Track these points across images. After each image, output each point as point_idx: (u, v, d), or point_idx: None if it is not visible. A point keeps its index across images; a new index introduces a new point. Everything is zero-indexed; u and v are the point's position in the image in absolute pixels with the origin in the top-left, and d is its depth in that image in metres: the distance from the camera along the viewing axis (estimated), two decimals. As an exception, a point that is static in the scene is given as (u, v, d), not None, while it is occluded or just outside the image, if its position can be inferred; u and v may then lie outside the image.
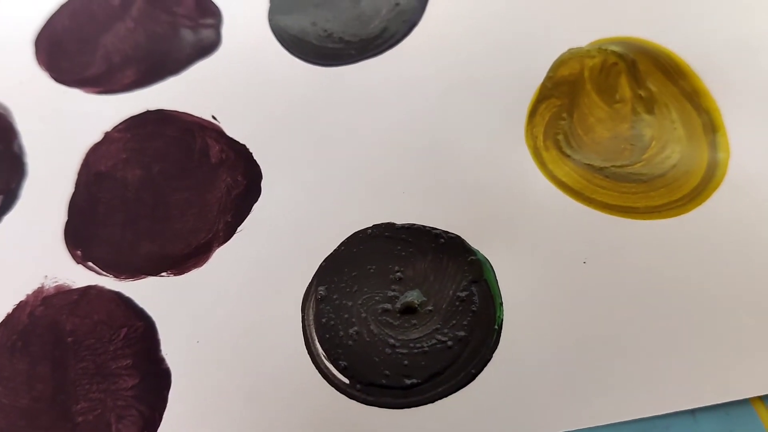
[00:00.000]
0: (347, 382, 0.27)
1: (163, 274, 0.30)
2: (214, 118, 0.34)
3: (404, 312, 0.27)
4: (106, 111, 0.35)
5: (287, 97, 0.34)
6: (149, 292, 0.30)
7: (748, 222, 0.27)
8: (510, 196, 0.29)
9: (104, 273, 0.30)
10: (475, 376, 0.26)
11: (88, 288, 0.30)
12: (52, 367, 0.29)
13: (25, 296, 0.30)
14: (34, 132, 0.35)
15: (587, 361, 0.25)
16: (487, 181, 0.30)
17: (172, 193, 0.32)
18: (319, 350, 0.27)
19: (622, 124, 0.30)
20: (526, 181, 0.30)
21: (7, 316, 0.30)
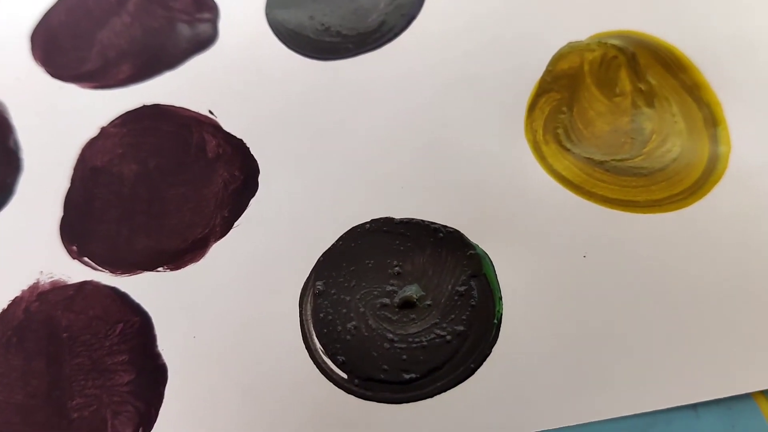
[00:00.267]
0: (345, 377, 0.26)
1: (160, 269, 0.30)
2: (210, 112, 0.33)
3: (403, 307, 0.27)
4: (102, 106, 0.35)
5: (284, 91, 0.33)
6: (145, 288, 0.29)
7: (749, 216, 0.27)
8: (509, 191, 0.29)
9: (100, 268, 0.30)
10: (474, 371, 0.26)
11: (84, 283, 0.30)
12: (47, 363, 0.28)
13: (21, 292, 0.30)
14: (30, 127, 0.35)
15: (587, 356, 0.25)
16: (486, 176, 0.30)
17: (168, 188, 0.32)
18: (317, 345, 0.27)
19: (622, 117, 0.30)
20: (526, 175, 0.29)
21: (3, 312, 0.30)
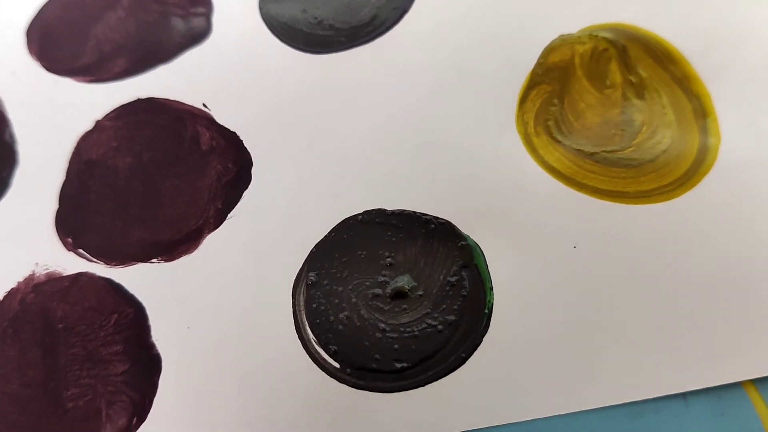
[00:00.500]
0: (338, 366, 0.27)
1: (154, 261, 0.30)
2: (204, 105, 0.34)
3: (394, 297, 0.27)
4: (97, 100, 0.35)
5: (277, 84, 0.34)
6: (140, 279, 0.30)
7: (738, 206, 0.27)
8: (501, 182, 0.29)
9: (95, 260, 0.30)
10: (465, 360, 0.26)
11: (79, 275, 0.30)
12: (42, 354, 0.29)
13: (16, 283, 0.30)
14: (26, 121, 0.35)
15: (577, 345, 0.25)
16: (477, 167, 0.30)
17: (162, 180, 0.32)
18: (310, 335, 0.27)
19: (612, 109, 0.30)
20: (517, 166, 0.29)
21: (-2, 304, 0.30)
